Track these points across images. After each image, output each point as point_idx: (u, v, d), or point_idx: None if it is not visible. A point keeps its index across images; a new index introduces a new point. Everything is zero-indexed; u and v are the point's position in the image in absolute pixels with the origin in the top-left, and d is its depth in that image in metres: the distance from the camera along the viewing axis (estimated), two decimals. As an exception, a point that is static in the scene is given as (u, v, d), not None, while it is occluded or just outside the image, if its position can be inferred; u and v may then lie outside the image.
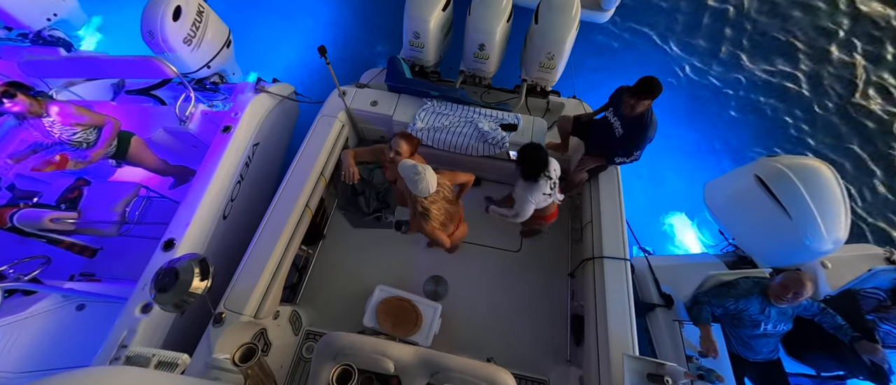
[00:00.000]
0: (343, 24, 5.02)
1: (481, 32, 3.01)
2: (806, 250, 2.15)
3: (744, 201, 2.27)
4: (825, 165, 2.12)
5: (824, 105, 4.13)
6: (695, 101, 4.24)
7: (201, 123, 2.85)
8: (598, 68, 4.42)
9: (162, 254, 2.15)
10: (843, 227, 2.08)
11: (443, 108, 2.88)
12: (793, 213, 2.07)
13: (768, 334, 2.09)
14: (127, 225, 2.50)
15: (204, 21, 2.75)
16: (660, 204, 3.54)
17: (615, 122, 2.37)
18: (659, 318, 2.44)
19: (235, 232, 2.55)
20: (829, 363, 2.29)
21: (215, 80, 3.09)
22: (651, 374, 1.78)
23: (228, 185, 2.54)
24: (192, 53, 2.72)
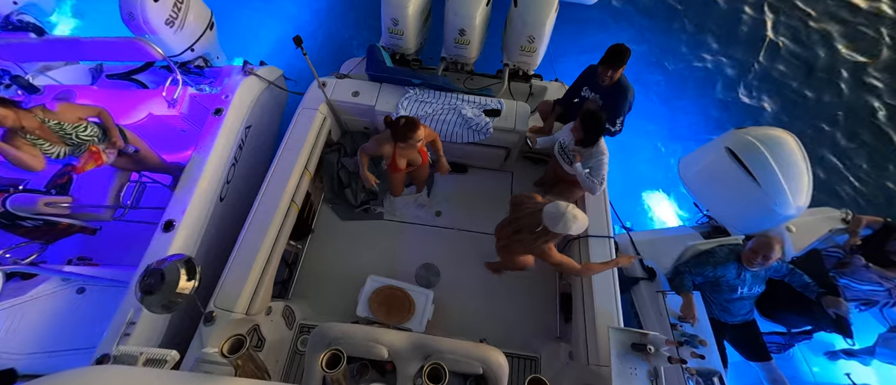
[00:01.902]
0: (324, 10, 4.90)
1: (461, 17, 2.99)
2: (774, 216, 2.28)
3: (715, 173, 2.38)
4: (790, 135, 2.25)
5: (788, 84, 4.37)
6: (672, 80, 4.38)
7: (190, 107, 2.77)
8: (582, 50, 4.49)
9: (162, 235, 2.14)
10: (807, 192, 2.22)
11: (425, 96, 2.86)
12: (762, 181, 2.19)
13: (744, 297, 2.23)
14: (122, 209, 2.45)
15: (186, 2, 2.67)
16: (638, 181, 3.68)
17: (594, 97, 2.42)
18: (643, 290, 2.55)
19: (233, 215, 2.53)
20: (799, 320, 2.48)
21: (199, 63, 3.00)
22: (635, 344, 1.87)
23: (223, 167, 2.51)
24: (176, 35, 2.65)
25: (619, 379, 1.79)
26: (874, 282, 2.30)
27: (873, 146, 4.04)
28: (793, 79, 4.37)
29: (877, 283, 2.29)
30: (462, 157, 3.07)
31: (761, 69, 4.41)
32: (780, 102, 4.24)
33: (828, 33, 4.55)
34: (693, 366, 2.11)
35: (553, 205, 1.71)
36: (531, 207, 1.86)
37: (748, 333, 2.29)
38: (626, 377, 1.80)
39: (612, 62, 2.15)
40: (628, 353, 1.87)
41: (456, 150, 2.89)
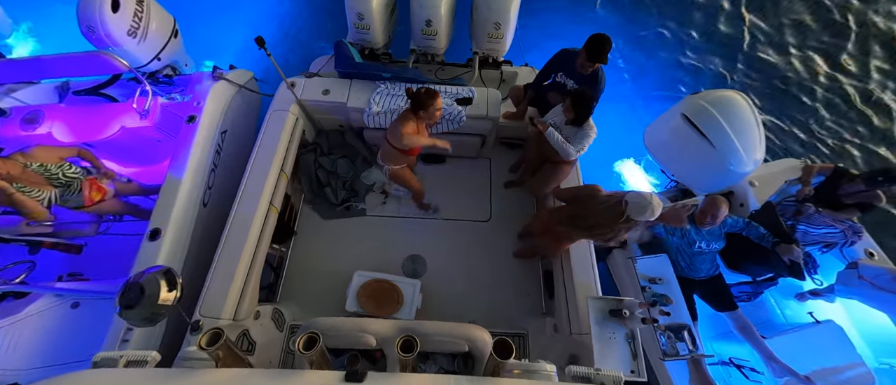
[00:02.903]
0: (288, 9, 4.84)
1: (426, 8, 3.00)
2: (732, 174, 2.41)
3: (675, 140, 2.50)
4: (739, 94, 2.36)
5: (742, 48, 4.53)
6: (636, 54, 4.49)
7: (163, 117, 2.77)
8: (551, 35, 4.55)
9: (149, 244, 2.17)
10: (760, 147, 2.35)
11: (397, 89, 2.89)
12: (716, 143, 2.31)
13: (704, 252, 2.37)
14: (106, 223, 2.46)
15: (146, 10, 2.62)
16: (610, 152, 3.82)
17: (569, 82, 2.48)
18: (617, 258, 2.69)
19: (218, 220, 2.55)
20: (760, 269, 2.64)
21: (168, 72, 2.97)
22: (612, 310, 1.99)
23: (203, 173, 2.54)
24: (140, 46, 2.61)
25: (599, 344, 1.90)
26: (828, 225, 2.45)
27: (831, 101, 4.22)
28: (748, 41, 4.53)
29: (831, 226, 2.45)
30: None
31: (719, 35, 4.56)
32: (737, 64, 4.41)
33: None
34: (663, 322, 2.25)
35: (636, 196, 1.79)
36: (604, 201, 1.93)
37: (715, 287, 2.44)
38: (605, 342, 1.92)
39: (598, 56, 2.18)
40: (606, 320, 1.99)
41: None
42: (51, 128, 2.64)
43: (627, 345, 1.91)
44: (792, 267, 2.32)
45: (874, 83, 4.33)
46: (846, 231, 2.45)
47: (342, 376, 1.07)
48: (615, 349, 1.90)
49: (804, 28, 4.61)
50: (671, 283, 2.35)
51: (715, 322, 2.65)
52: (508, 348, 1.20)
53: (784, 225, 2.40)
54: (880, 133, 4.07)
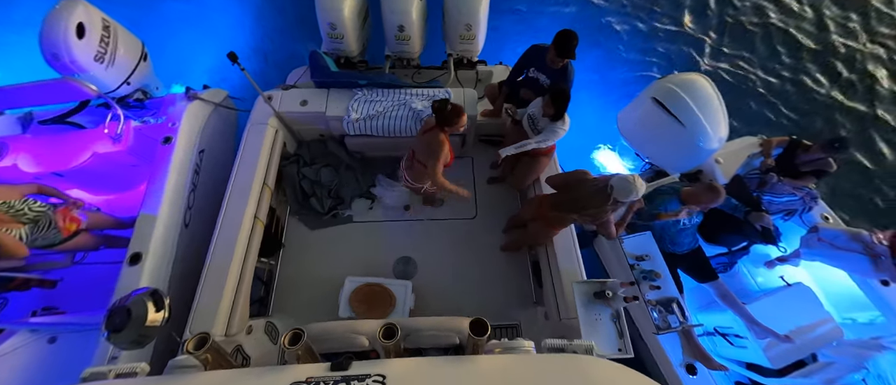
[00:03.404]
0: (260, 24, 4.80)
1: (397, 14, 3.05)
2: (701, 152, 2.56)
3: (646, 122, 2.64)
4: (702, 76, 2.52)
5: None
6: (607, 44, 4.70)
7: (136, 140, 2.68)
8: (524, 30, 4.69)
9: (130, 268, 2.10)
10: (724, 124, 2.51)
11: (374, 95, 2.91)
12: (685, 121, 2.45)
13: (686, 227, 2.49)
14: (81, 253, 2.34)
15: (112, 36, 2.55)
16: (587, 142, 3.97)
17: (541, 77, 2.56)
18: (603, 241, 2.78)
19: (201, 239, 2.49)
20: (735, 238, 2.80)
21: (139, 96, 2.89)
22: (596, 293, 2.06)
23: (183, 193, 2.48)
24: (108, 71, 2.53)
25: (586, 327, 1.96)
26: (789, 193, 2.64)
27: (789, 77, 4.56)
28: (714, 26, 4.84)
29: (791, 193, 2.64)
30: (419, 148, 3.15)
31: (684, 22, 4.85)
32: (703, 47, 4.70)
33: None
34: (653, 297, 2.35)
35: (620, 178, 1.87)
36: (593, 185, 2.01)
37: (696, 259, 2.56)
38: (592, 324, 1.99)
39: (564, 50, 2.27)
40: (592, 302, 2.06)
41: (413, 143, 2.97)
42: (16, 159, 2.52)
43: (613, 324, 1.99)
44: (764, 233, 2.47)
45: (832, 57, 4.71)
46: (805, 197, 2.64)
47: (328, 366, 1.08)
48: (602, 330, 1.97)
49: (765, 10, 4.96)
50: (657, 258, 2.46)
51: (698, 295, 2.78)
52: (484, 326, 1.24)
53: (754, 196, 2.56)
54: (837, 103, 4.42)
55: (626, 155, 3.30)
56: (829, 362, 2.01)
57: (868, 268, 2.38)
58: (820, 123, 4.30)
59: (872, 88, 4.50)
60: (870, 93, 4.48)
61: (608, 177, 1.95)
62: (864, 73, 4.59)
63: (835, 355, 2.01)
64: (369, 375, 1.03)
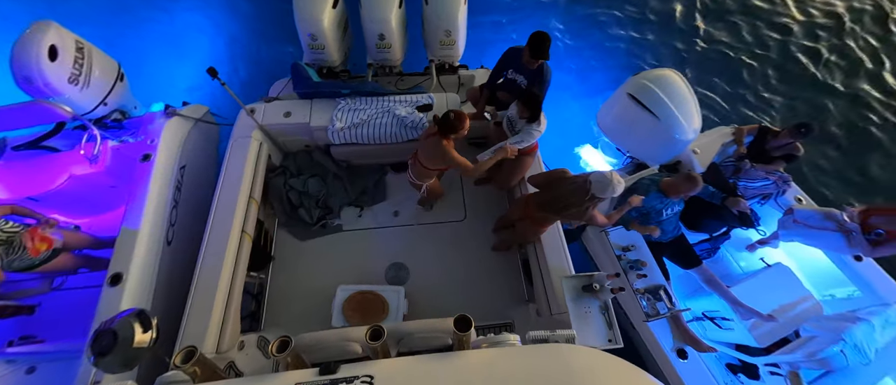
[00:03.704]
0: (239, 39, 4.79)
1: (377, 23, 3.09)
2: (677, 143, 2.67)
3: (624, 118, 2.73)
4: (673, 71, 2.64)
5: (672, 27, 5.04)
6: (583, 43, 4.84)
7: (114, 160, 2.63)
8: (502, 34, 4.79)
9: (111, 290, 2.03)
10: (697, 116, 2.61)
11: (357, 103, 2.93)
12: (660, 115, 2.55)
13: (668, 216, 2.56)
14: (59, 278, 2.27)
15: (87, 57, 2.52)
16: (569, 140, 4.07)
17: (518, 78, 2.63)
18: (590, 234, 2.84)
19: (185, 257, 2.46)
20: (715, 224, 2.89)
21: (116, 116, 2.84)
22: (585, 287, 2.10)
23: (164, 210, 2.43)
24: (83, 92, 2.49)
25: (576, 320, 2.00)
26: (763, 178, 2.75)
27: (761, 71, 4.77)
28: (683, 21, 5.04)
29: (765, 178, 2.75)
30: (407, 155, 3.13)
31: (655, 18, 5.04)
32: (674, 44, 4.89)
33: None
34: (640, 285, 2.40)
35: (598, 175, 1.92)
36: (572, 182, 2.05)
37: (680, 247, 2.64)
38: (582, 317, 2.02)
39: (537, 52, 2.34)
40: (580, 296, 2.10)
41: (399, 149, 2.98)
42: None
43: (602, 316, 2.03)
44: (741, 217, 2.57)
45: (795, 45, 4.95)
46: (778, 181, 2.75)
47: (317, 371, 1.08)
48: (592, 322, 2.00)
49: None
50: (642, 248, 2.52)
51: (685, 281, 2.85)
52: (467, 322, 1.26)
53: (730, 182, 2.66)
54: (799, 92, 4.64)
55: (608, 151, 3.40)
56: (811, 337, 2.09)
57: (842, 244, 2.48)
58: (802, 108, 4.50)
59: (851, 70, 4.74)
60: (849, 74, 4.72)
61: (586, 174, 2.00)
62: (841, 55, 4.85)
63: (815, 330, 2.09)
64: (357, 377, 1.03)
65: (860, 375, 2.09)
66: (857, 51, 4.90)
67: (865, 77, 4.74)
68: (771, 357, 2.20)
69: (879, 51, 4.91)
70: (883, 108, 4.52)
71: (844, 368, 1.99)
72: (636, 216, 2.61)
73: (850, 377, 2.08)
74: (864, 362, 1.89)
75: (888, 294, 2.47)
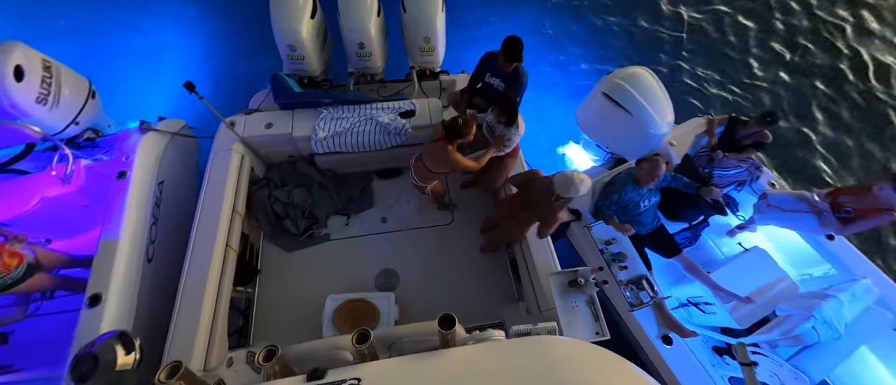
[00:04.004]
0: (218, 54, 4.75)
1: (356, 32, 3.11)
2: (652, 137, 2.76)
3: (600, 116, 2.81)
4: (643, 69, 2.73)
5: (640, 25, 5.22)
6: (562, 43, 4.97)
7: (88, 179, 2.56)
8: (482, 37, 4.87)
9: (89, 311, 1.97)
10: (669, 110, 2.71)
11: (340, 112, 2.95)
12: (634, 111, 2.64)
13: (646, 208, 2.65)
14: (35, 303, 2.20)
15: (55, 76, 2.47)
16: (554, 138, 4.16)
17: (495, 81, 2.69)
18: (574, 230, 2.89)
19: (168, 274, 2.42)
20: (692, 213, 2.99)
21: (89, 135, 2.79)
22: (570, 282, 2.15)
23: (143, 227, 2.39)
24: (52, 112, 2.45)
25: (564, 315, 2.04)
26: (735, 166, 2.86)
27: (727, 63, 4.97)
28: (653, 21, 5.22)
29: (737, 166, 2.86)
30: (392, 161, 3.19)
31: (624, 20, 5.22)
32: (645, 42, 5.06)
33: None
34: (623, 277, 2.47)
35: (560, 175, 1.97)
36: (541, 183, 2.11)
37: (660, 237, 2.72)
38: (569, 312, 2.06)
39: (511, 55, 2.41)
40: (567, 291, 2.15)
41: (384, 156, 3.01)
42: None
43: (589, 310, 2.07)
44: (715, 205, 2.67)
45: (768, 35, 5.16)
46: (750, 168, 2.87)
47: (304, 378, 1.08)
48: (579, 316, 2.05)
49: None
50: (623, 240, 2.59)
51: (669, 270, 2.93)
52: (451, 320, 1.29)
53: (701, 172, 2.77)
54: (768, 82, 4.85)
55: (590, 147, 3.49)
56: (786, 315, 2.17)
57: (814, 225, 2.60)
58: (766, 99, 4.70)
59: (811, 62, 4.97)
60: (809, 66, 4.95)
61: (552, 175, 2.06)
62: (804, 50, 5.08)
63: (790, 308, 2.18)
64: (345, 380, 1.04)
65: (834, 349, 2.18)
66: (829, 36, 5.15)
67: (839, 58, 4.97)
68: (751, 337, 2.28)
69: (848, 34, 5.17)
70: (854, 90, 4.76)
71: (818, 343, 2.07)
72: (617, 210, 2.69)
73: (826, 351, 2.17)
74: (834, 337, 1.97)
75: (859, 269, 2.59)
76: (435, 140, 2.33)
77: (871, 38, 5.20)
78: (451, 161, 2.26)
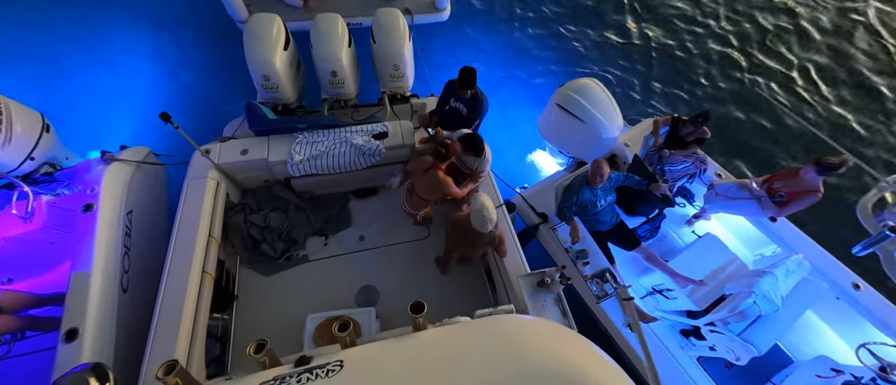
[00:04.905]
0: (187, 85, 4.82)
1: (328, 61, 3.29)
2: (606, 141, 3.02)
3: (557, 125, 3.07)
4: (591, 80, 3.03)
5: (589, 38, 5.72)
6: (525, 62, 5.35)
7: (50, 215, 2.53)
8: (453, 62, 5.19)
9: (67, 347, 1.94)
10: (617, 116, 2.99)
11: (315, 136, 3.07)
12: (585, 119, 2.90)
13: (604, 207, 2.86)
14: (4, 346, 2.12)
15: (5, 113, 2.46)
16: (520, 148, 4.45)
17: (458, 106, 2.91)
18: (543, 232, 3.07)
19: (143, 303, 2.37)
20: (646, 207, 3.24)
21: (46, 170, 2.75)
22: (539, 282, 2.29)
23: (115, 258, 2.37)
24: (5, 149, 2.44)
25: (535, 314, 2.16)
26: (682, 161, 3.15)
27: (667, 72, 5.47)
28: (604, 34, 5.73)
29: (684, 161, 3.15)
30: (368, 181, 3.30)
31: (581, 38, 5.70)
32: (596, 55, 5.54)
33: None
34: (588, 272, 2.63)
35: (475, 213, 2.16)
36: (468, 222, 2.29)
37: (620, 232, 2.92)
38: (540, 310, 2.19)
39: (466, 84, 2.67)
40: (536, 291, 2.28)
41: (359, 176, 3.13)
42: None
43: (557, 307, 2.21)
44: (664, 199, 2.91)
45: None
46: (696, 162, 3.16)
47: (292, 364, 1.18)
48: (548, 314, 2.17)
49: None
50: (585, 238, 2.77)
51: (633, 263, 3.12)
52: (421, 306, 1.44)
53: (651, 169, 3.03)
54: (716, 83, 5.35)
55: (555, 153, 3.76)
56: (734, 293, 2.37)
57: (756, 209, 2.87)
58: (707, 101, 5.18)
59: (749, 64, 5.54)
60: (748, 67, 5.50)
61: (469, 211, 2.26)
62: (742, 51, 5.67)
63: (736, 287, 2.38)
64: (329, 363, 1.14)
65: (778, 319, 2.38)
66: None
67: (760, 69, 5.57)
68: (707, 317, 2.46)
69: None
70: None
71: (762, 316, 2.27)
72: (577, 211, 2.89)
73: (771, 322, 2.36)
74: (773, 309, 2.17)
75: (799, 245, 2.85)
76: (425, 170, 2.49)
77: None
78: (444, 186, 2.44)
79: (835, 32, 6.00)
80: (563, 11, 5.87)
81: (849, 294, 2.55)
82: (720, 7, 6.20)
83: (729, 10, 6.16)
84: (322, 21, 3.29)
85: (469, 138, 2.51)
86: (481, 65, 5.21)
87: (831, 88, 5.40)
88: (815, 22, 6.12)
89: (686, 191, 3.41)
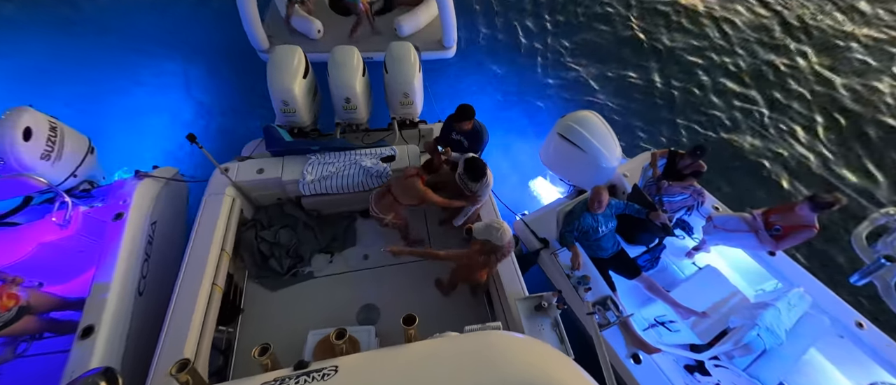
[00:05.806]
0: (209, 109, 5.13)
1: (343, 89, 3.54)
2: (605, 170, 3.14)
3: (558, 154, 3.21)
4: (591, 112, 3.20)
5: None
6: (525, 94, 5.61)
7: (85, 224, 2.73)
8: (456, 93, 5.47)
9: (81, 343, 2.03)
10: (616, 147, 3.13)
11: (327, 158, 3.25)
12: (586, 149, 3.04)
13: (605, 234, 2.92)
14: (23, 344, 2.21)
15: (59, 135, 2.77)
16: (522, 175, 4.56)
17: (460, 138, 3.07)
18: (544, 257, 3.11)
19: (157, 308, 2.47)
20: (646, 237, 3.28)
21: (85, 186, 3.04)
22: (537, 306, 2.33)
23: (135, 263, 2.53)
24: (54, 166, 2.72)
25: (531, 337, 2.17)
26: (680, 193, 3.23)
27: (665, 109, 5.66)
28: (604, 64, 6.00)
29: (682, 192, 3.23)
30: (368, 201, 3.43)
31: (578, 73, 5.98)
32: (602, 88, 5.77)
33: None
34: (589, 299, 2.65)
35: (479, 224, 2.26)
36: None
37: (621, 260, 2.96)
38: (537, 334, 2.22)
39: (462, 118, 2.87)
40: (534, 315, 2.31)
41: (366, 196, 3.22)
42: None
43: (554, 332, 2.23)
44: (664, 228, 2.97)
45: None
46: (693, 194, 3.24)
47: (292, 368, 1.27)
48: (545, 338, 2.20)
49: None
50: (587, 265, 2.81)
51: (634, 294, 3.12)
52: (412, 318, 1.48)
53: (650, 199, 3.11)
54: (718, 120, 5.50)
55: (555, 181, 3.87)
56: (737, 326, 2.36)
57: (755, 242, 2.90)
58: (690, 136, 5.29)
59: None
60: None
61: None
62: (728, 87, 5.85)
63: (739, 320, 2.37)
64: (325, 368, 1.22)
65: (784, 354, 2.35)
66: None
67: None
68: (712, 350, 2.43)
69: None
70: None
71: (768, 350, 2.25)
72: (579, 236, 2.95)
73: (777, 357, 2.33)
74: (777, 342, 2.16)
75: (798, 280, 2.85)
76: (408, 176, 2.63)
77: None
78: (419, 192, 2.54)
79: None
80: (568, 46, 6.22)
81: (852, 332, 2.52)
82: (735, 45, 6.39)
83: (741, 48, 6.37)
84: (339, 52, 3.57)
85: (470, 162, 2.63)
86: (485, 94, 5.51)
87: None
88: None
89: (685, 223, 3.46)
